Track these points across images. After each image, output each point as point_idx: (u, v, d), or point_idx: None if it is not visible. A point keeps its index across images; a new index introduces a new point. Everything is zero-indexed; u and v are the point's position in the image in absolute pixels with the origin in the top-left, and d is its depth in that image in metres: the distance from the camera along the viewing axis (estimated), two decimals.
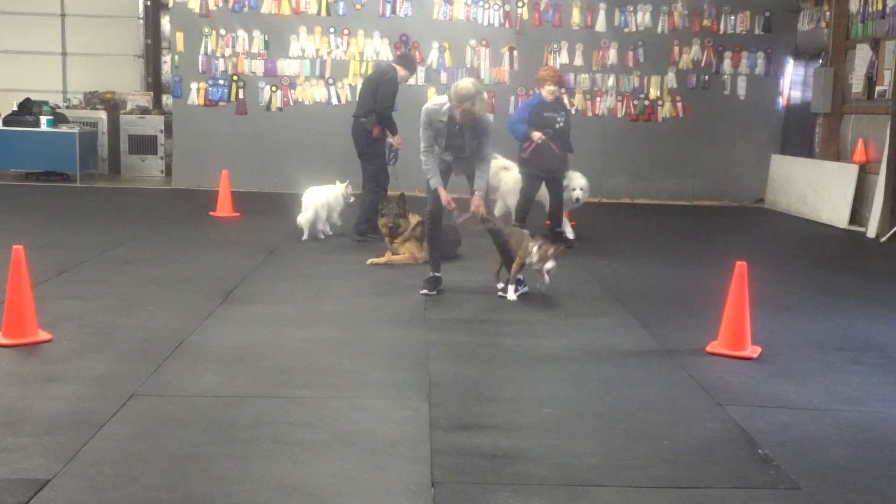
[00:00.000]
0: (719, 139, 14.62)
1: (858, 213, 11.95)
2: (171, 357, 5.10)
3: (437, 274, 7.11)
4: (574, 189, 9.38)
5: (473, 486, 3.53)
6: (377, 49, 14.24)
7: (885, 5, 11.84)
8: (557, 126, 8.88)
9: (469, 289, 7.30)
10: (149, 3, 16.35)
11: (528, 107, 9.19)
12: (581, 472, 3.71)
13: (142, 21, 16.44)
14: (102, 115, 15.42)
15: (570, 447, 3.97)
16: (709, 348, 5.57)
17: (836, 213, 12.27)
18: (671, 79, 14.53)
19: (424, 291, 6.93)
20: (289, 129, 14.20)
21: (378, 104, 9.11)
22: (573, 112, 14.31)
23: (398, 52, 13.32)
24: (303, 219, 9.24)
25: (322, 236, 9.44)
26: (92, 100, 15.79)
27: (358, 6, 14.18)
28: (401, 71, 9.38)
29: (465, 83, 6.60)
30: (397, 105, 9.62)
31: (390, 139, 9.46)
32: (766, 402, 4.68)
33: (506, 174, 9.92)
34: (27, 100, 14.86)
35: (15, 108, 14.73)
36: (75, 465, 3.60)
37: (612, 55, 14.37)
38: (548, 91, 8.97)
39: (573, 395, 4.72)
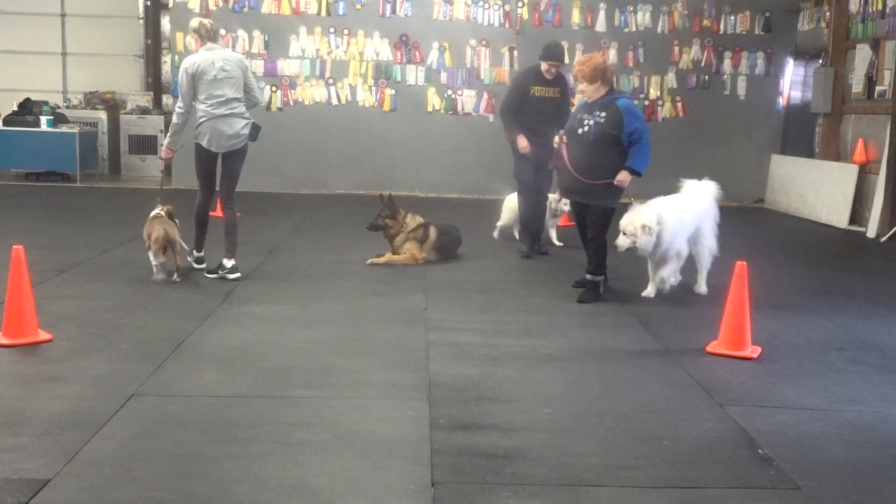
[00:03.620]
0: (719, 139, 14.61)
1: (858, 213, 11.95)
2: (171, 357, 5.10)
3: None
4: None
5: (473, 486, 3.53)
6: (377, 49, 14.25)
7: (885, 5, 11.84)
8: (581, 132, 6.86)
9: (469, 288, 7.29)
10: (149, 3, 16.33)
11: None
12: (581, 472, 3.71)
13: (142, 21, 16.43)
14: (102, 115, 15.41)
15: (570, 447, 3.97)
16: (709, 348, 5.57)
17: (836, 213, 12.26)
18: (671, 79, 14.53)
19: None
20: (289, 129, 14.19)
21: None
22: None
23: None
24: (503, 223, 9.59)
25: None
26: (92, 100, 15.78)
27: (358, 6, 14.18)
28: (543, 65, 8.49)
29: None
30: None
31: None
32: (766, 402, 4.69)
33: None
34: (27, 100, 14.86)
35: (15, 108, 14.73)
36: (75, 465, 3.60)
37: (612, 55, 14.35)
38: (579, 90, 7.55)
39: (573, 395, 4.72)
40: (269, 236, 9.52)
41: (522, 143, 8.36)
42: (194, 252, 7.59)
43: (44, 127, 14.07)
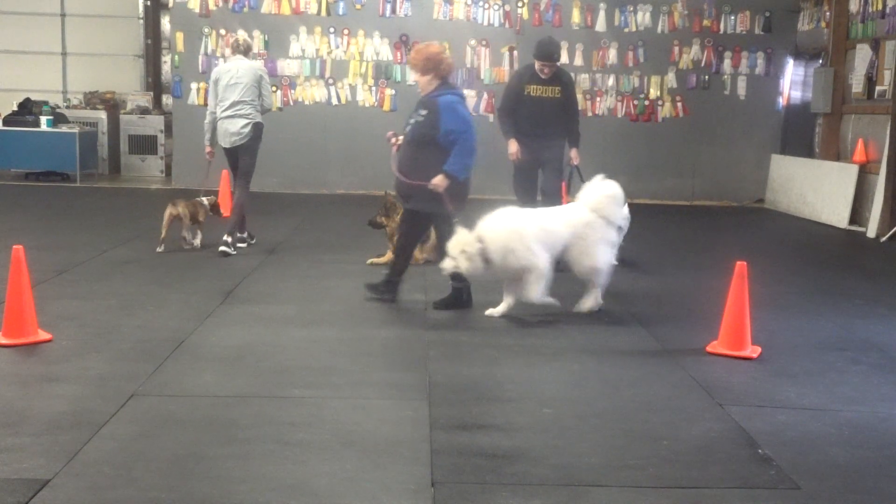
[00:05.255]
0: (719, 139, 14.61)
1: (858, 213, 11.95)
2: (171, 357, 5.10)
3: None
4: None
5: (473, 486, 3.53)
6: (377, 49, 14.25)
7: (885, 5, 11.84)
8: (406, 129, 6.44)
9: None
10: (149, 3, 16.34)
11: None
12: (581, 472, 3.71)
13: (142, 21, 16.43)
14: (102, 115, 15.40)
15: (570, 447, 3.97)
16: (709, 348, 5.57)
17: (836, 213, 12.26)
18: (671, 79, 14.52)
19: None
20: (289, 129, 14.19)
21: None
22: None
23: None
24: None
25: None
26: (92, 100, 15.78)
27: (358, 6, 14.18)
28: (536, 64, 8.05)
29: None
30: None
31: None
32: (766, 402, 4.68)
33: None
34: (27, 100, 14.85)
35: (15, 108, 14.72)
36: (75, 465, 3.60)
37: (612, 55, 14.36)
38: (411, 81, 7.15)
39: (573, 395, 4.72)
40: (270, 236, 9.51)
41: (511, 148, 7.94)
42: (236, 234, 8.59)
43: (44, 127, 14.07)
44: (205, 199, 8.68)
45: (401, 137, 6.47)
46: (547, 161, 8.05)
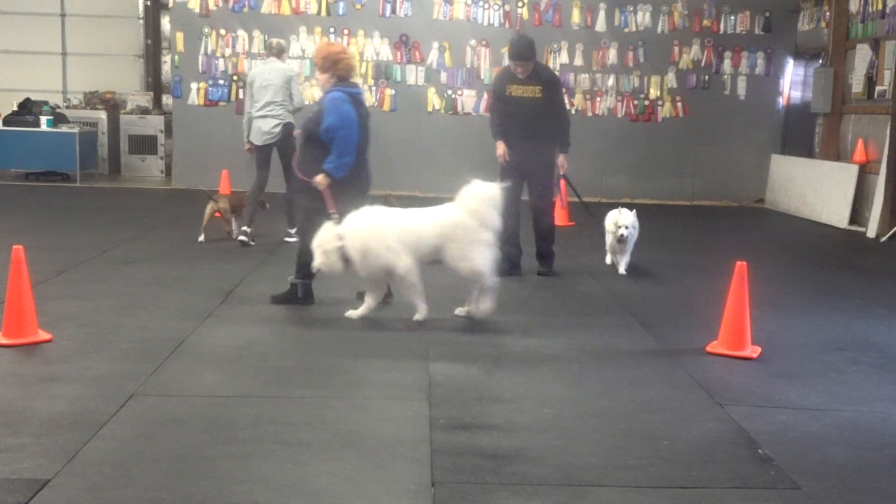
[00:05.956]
0: (719, 139, 14.61)
1: (858, 213, 11.95)
2: (171, 357, 5.10)
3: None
4: None
5: (473, 486, 3.53)
6: (377, 49, 14.25)
7: (885, 5, 11.84)
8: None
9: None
10: (149, 3, 16.34)
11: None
12: (581, 472, 3.71)
13: (142, 21, 16.44)
14: (102, 115, 15.41)
15: (570, 447, 3.97)
16: (709, 348, 5.57)
17: (836, 213, 12.26)
18: (671, 79, 14.52)
19: None
20: None
21: None
22: (573, 112, 14.36)
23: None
24: None
25: None
26: (92, 100, 15.78)
27: (358, 6, 14.18)
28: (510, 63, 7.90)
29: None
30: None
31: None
32: (766, 402, 4.68)
33: None
34: (27, 100, 14.86)
35: (15, 108, 14.73)
36: (75, 465, 3.60)
37: (612, 55, 14.36)
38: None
39: (573, 395, 4.72)
40: (270, 236, 9.52)
41: (499, 150, 7.71)
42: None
43: (44, 127, 14.07)
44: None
45: None
46: (532, 171, 7.67)
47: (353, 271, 5.98)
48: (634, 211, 8.13)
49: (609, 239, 8.24)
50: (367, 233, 5.91)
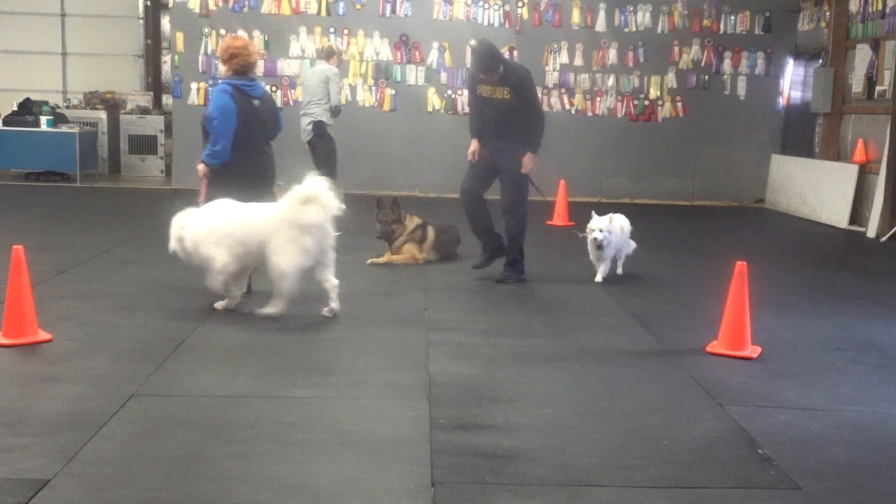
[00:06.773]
0: (719, 139, 14.61)
1: (858, 213, 11.95)
2: (171, 357, 5.10)
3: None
4: None
5: (473, 486, 3.53)
6: (377, 49, 14.24)
7: (885, 5, 11.84)
8: None
9: (469, 288, 7.29)
10: (149, 3, 16.34)
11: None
12: (581, 472, 3.71)
13: (142, 21, 16.43)
14: (102, 115, 15.41)
15: (570, 447, 3.97)
16: (709, 348, 5.57)
17: (836, 213, 12.26)
18: (671, 79, 14.52)
19: None
20: (288, 128, 14.09)
21: None
22: (573, 112, 14.35)
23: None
24: None
25: None
26: (92, 100, 15.79)
27: (358, 6, 14.17)
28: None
29: None
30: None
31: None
32: (766, 402, 4.68)
33: None
34: (27, 100, 14.85)
35: (15, 108, 14.72)
36: (75, 465, 3.60)
37: (612, 55, 14.36)
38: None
39: (573, 395, 4.72)
40: None
41: (471, 147, 7.56)
42: None
43: (44, 127, 14.07)
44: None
45: None
46: (503, 170, 7.50)
47: (191, 260, 6.12)
48: (621, 215, 7.80)
49: (589, 246, 7.75)
50: (200, 224, 6.04)
